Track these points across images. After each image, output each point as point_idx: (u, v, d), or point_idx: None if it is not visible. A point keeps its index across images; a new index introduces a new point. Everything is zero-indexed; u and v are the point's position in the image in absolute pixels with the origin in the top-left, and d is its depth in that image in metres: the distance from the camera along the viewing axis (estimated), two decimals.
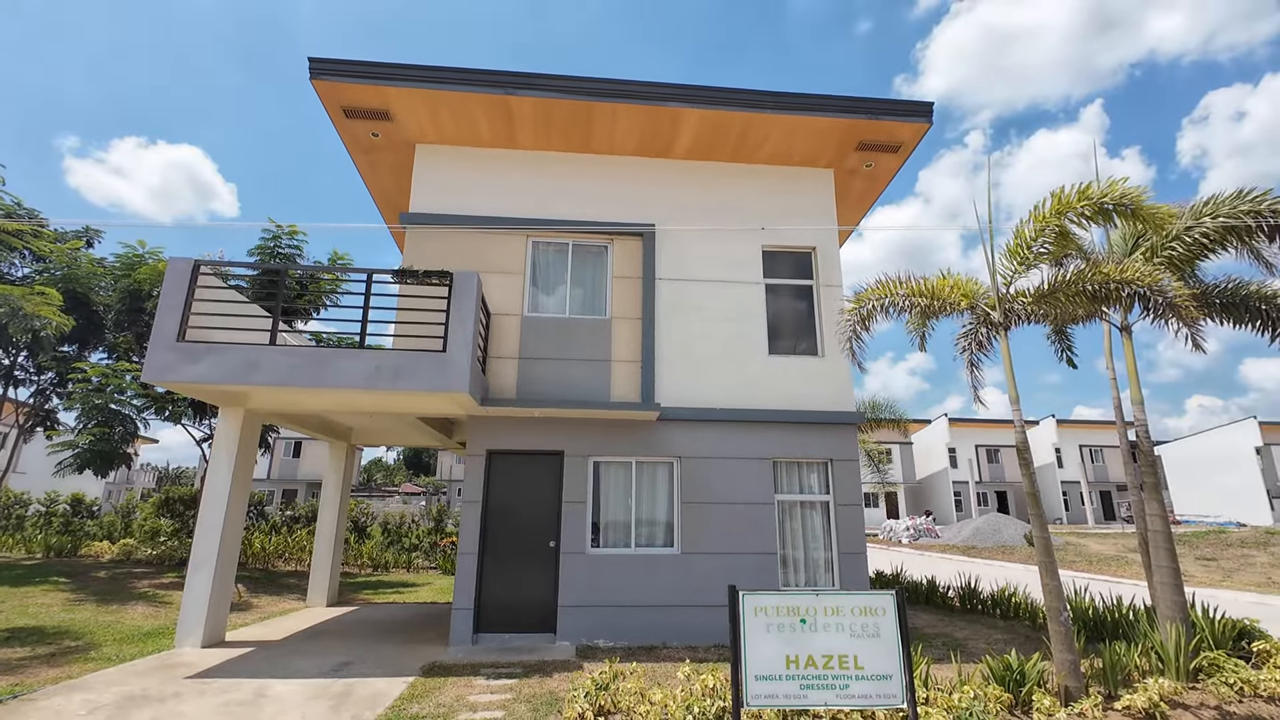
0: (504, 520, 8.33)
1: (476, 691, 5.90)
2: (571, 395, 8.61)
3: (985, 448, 47.71)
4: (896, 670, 3.80)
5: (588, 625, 7.93)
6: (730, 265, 9.52)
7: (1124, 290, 5.53)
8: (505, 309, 9.00)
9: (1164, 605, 6.43)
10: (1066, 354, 9.25)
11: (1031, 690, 5.19)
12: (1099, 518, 45.50)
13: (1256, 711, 5.42)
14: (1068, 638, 5.46)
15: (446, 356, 7.16)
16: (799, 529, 8.74)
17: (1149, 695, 5.19)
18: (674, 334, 9.09)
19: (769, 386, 8.99)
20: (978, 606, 10.33)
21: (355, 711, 5.33)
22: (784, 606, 3.87)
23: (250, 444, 8.41)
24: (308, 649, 7.65)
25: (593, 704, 4.97)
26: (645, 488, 8.66)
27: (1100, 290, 5.58)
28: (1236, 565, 18.94)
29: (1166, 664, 5.90)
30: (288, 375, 7.01)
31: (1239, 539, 25.80)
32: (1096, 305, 5.79)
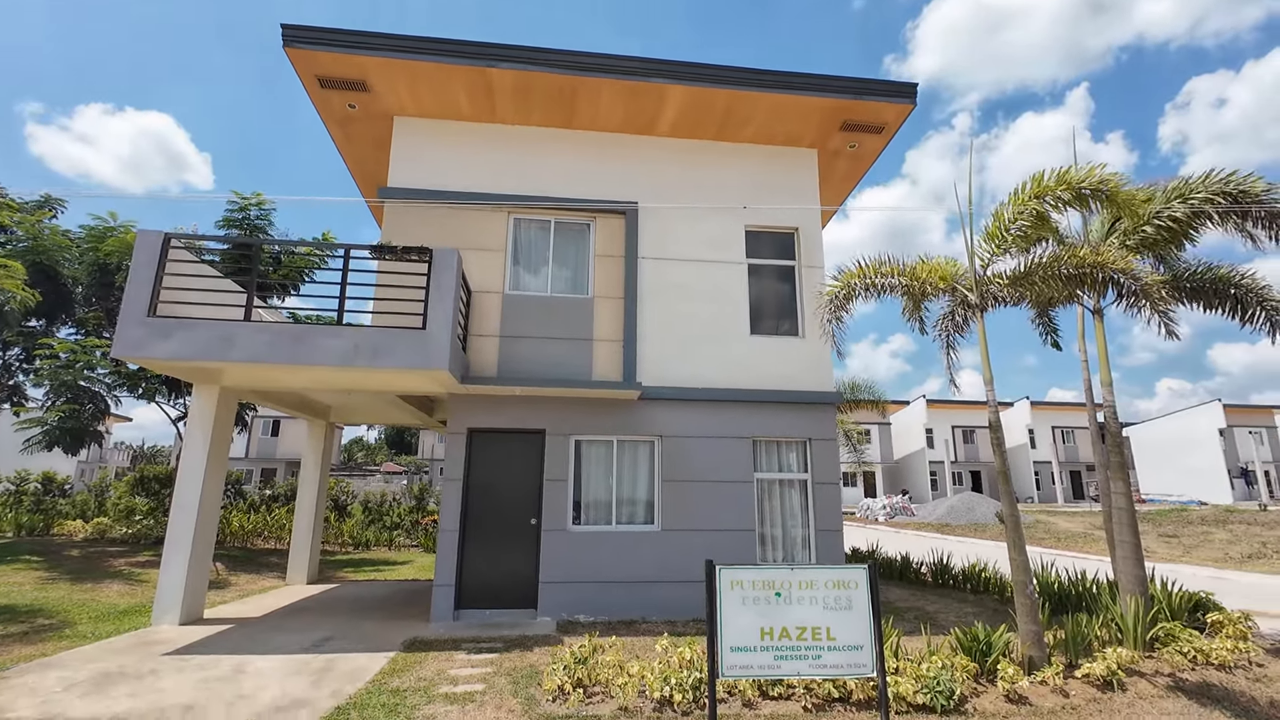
0: (485, 498, 8.35)
1: (457, 665, 5.96)
2: (553, 374, 8.59)
3: (961, 428, 48.67)
4: (867, 641, 3.91)
5: (569, 601, 8.02)
6: (713, 245, 9.51)
7: (1098, 274, 5.64)
8: (486, 286, 8.91)
9: (1125, 579, 6.68)
10: (1051, 336, 9.41)
11: (997, 660, 5.37)
12: (1068, 497, 46.84)
13: (1207, 678, 5.67)
14: (1032, 610, 5.66)
15: (426, 334, 7.09)
16: (777, 507, 8.88)
17: (1107, 664, 5.40)
18: (656, 313, 9.09)
19: (750, 366, 9.06)
20: (949, 582, 10.63)
21: (336, 685, 5.36)
22: (759, 580, 3.95)
23: (226, 422, 8.29)
24: (288, 625, 7.65)
25: (571, 676, 5.06)
26: (626, 466, 8.72)
27: (1075, 274, 5.68)
28: (1197, 542, 19.67)
29: (1125, 634, 6.14)
30: (263, 352, 6.90)
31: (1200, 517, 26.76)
32: (1071, 289, 5.90)
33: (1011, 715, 4.85)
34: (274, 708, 4.82)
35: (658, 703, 4.85)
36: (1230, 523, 24.26)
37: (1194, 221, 6.54)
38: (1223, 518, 26.01)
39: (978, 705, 4.99)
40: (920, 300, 6.70)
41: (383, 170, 10.41)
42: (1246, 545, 18.38)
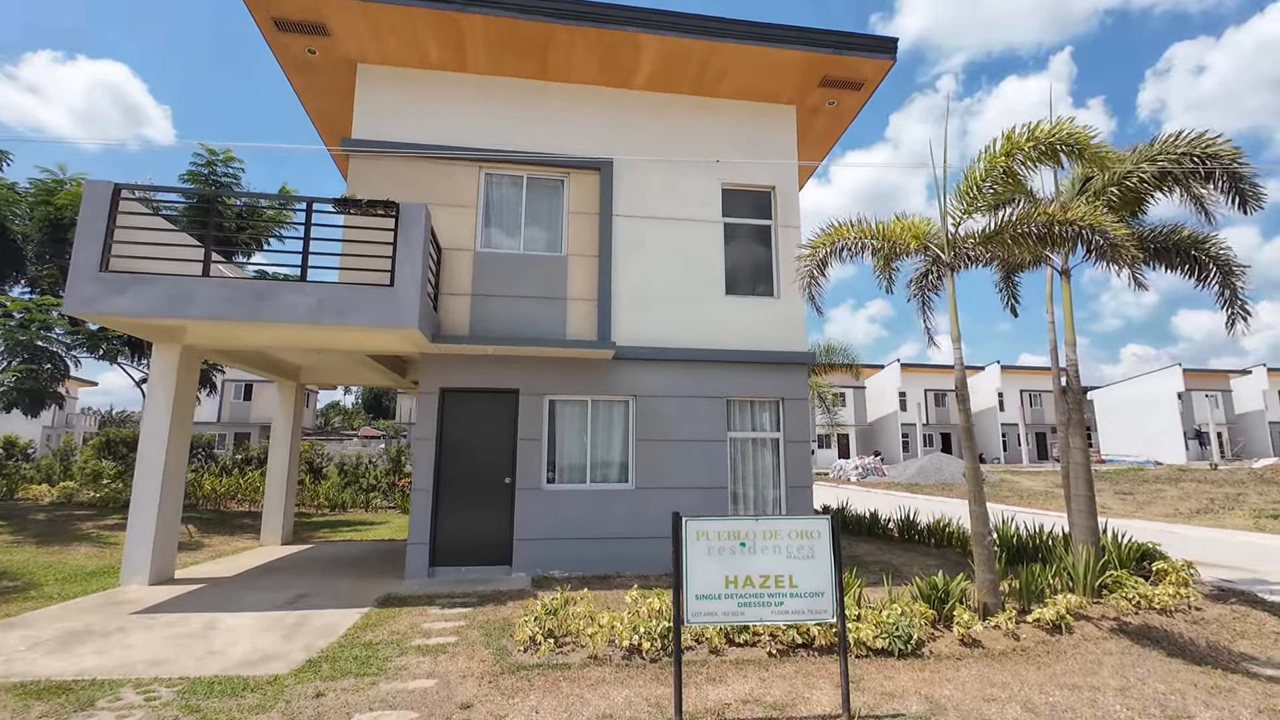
0: (459, 457, 8.33)
1: (431, 620, 6.03)
2: (526, 333, 8.51)
3: (934, 392, 49.73)
4: (828, 588, 4.02)
5: (543, 557, 8.13)
6: (689, 203, 9.38)
7: (1066, 231, 5.69)
8: (457, 244, 8.71)
9: (1079, 530, 6.96)
10: (1011, 301, 9.56)
11: (954, 607, 5.59)
12: (1033, 457, 48.44)
13: (1149, 622, 5.99)
14: (989, 560, 5.87)
15: (394, 291, 6.93)
16: (749, 465, 9.02)
17: (1057, 609, 5.66)
18: (631, 272, 9.00)
19: (725, 326, 9.06)
20: (915, 537, 10.99)
21: (309, 640, 5.39)
22: (725, 531, 4.02)
23: (189, 382, 8.09)
24: (261, 584, 7.65)
25: (542, 627, 5.15)
26: (601, 425, 8.75)
27: (1044, 231, 5.72)
28: (1150, 499, 20.55)
29: (1076, 582, 6.43)
30: (224, 309, 6.70)
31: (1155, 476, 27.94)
32: (1040, 247, 5.95)
33: (965, 657, 5.08)
34: (245, 661, 4.84)
35: (627, 651, 4.97)
36: (1182, 481, 25.37)
37: (1161, 183, 6.61)
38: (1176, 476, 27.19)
39: (933, 649, 5.21)
40: (893, 259, 6.71)
41: (348, 123, 9.99)
42: (1195, 501, 19.26)
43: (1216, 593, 7.05)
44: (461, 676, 4.57)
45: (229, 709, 3.96)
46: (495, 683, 4.44)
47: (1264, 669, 5.12)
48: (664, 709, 4.01)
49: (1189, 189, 7.14)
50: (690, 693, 4.30)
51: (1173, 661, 5.11)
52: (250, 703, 4.06)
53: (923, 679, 4.61)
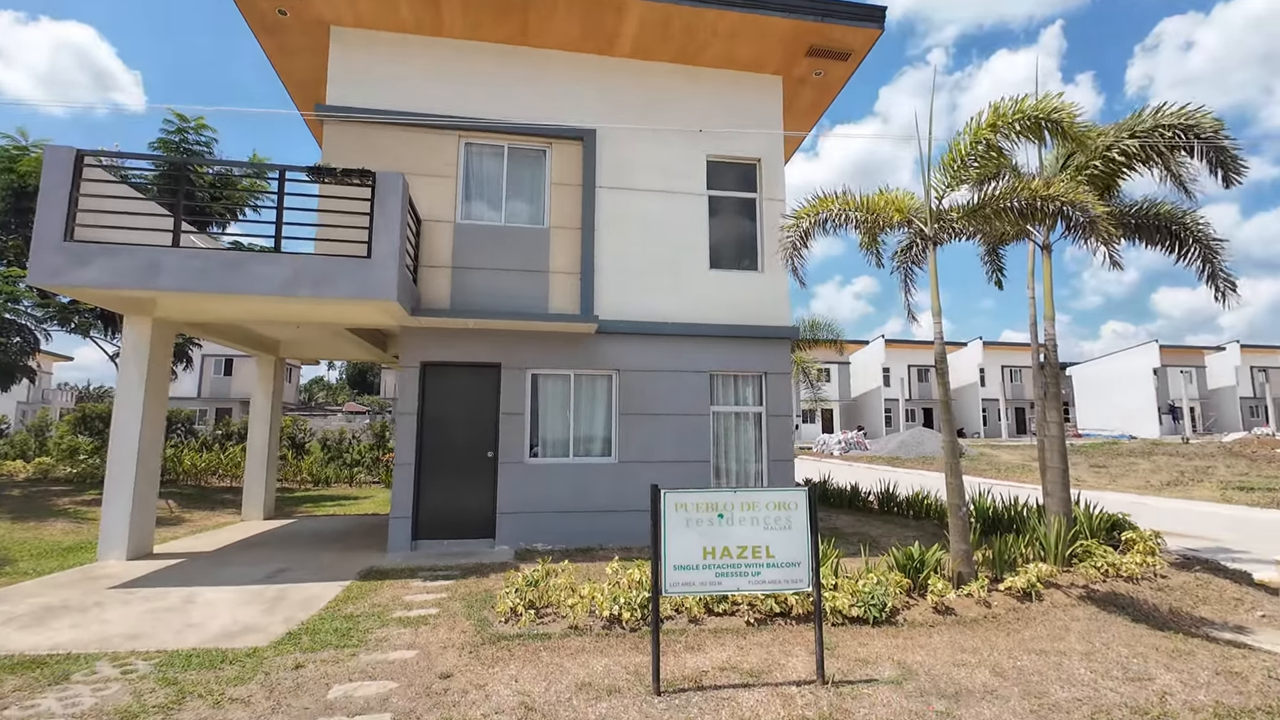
0: (441, 431, 8.29)
1: (413, 592, 6.05)
2: (508, 306, 8.41)
3: (917, 367, 50.31)
4: (805, 558, 4.07)
5: (526, 530, 8.16)
6: (673, 175, 9.25)
7: (1048, 206, 5.68)
8: (437, 215, 8.54)
9: (1052, 502, 7.11)
10: (996, 274, 9.62)
11: (928, 576, 5.71)
12: (1012, 432, 49.40)
13: (1116, 589, 6.16)
14: (964, 530, 5.99)
15: (372, 262, 6.79)
16: (732, 439, 9.08)
17: (1027, 577, 5.80)
18: (614, 245, 8.90)
19: (709, 300, 9.02)
20: (894, 509, 11.19)
21: (289, 613, 5.39)
22: (703, 503, 4.04)
23: (162, 355, 7.93)
24: (241, 558, 7.61)
25: (523, 599, 5.18)
26: (584, 400, 8.73)
27: (1026, 206, 5.71)
28: (1123, 471, 21.09)
29: (1048, 551, 6.59)
30: (195, 280, 6.53)
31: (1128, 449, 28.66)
32: (1023, 222, 5.95)
33: (938, 625, 5.20)
34: (224, 634, 4.83)
35: (607, 621, 5.02)
36: (1154, 454, 26.05)
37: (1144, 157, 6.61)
38: (1148, 450, 27.91)
39: (907, 616, 5.33)
40: (877, 233, 6.68)
41: (322, 89, 9.68)
42: (1166, 474, 19.79)
43: (1182, 561, 7.27)
44: (442, 647, 4.60)
45: (207, 681, 3.95)
46: (476, 653, 4.47)
47: (1223, 633, 5.30)
48: (642, 677, 4.07)
49: (1169, 165, 7.17)
50: (669, 660, 4.36)
51: (1137, 627, 5.27)
52: (229, 675, 4.06)
53: (896, 645, 4.72)
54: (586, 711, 3.63)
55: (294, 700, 3.73)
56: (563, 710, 3.64)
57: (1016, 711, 3.69)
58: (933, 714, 3.64)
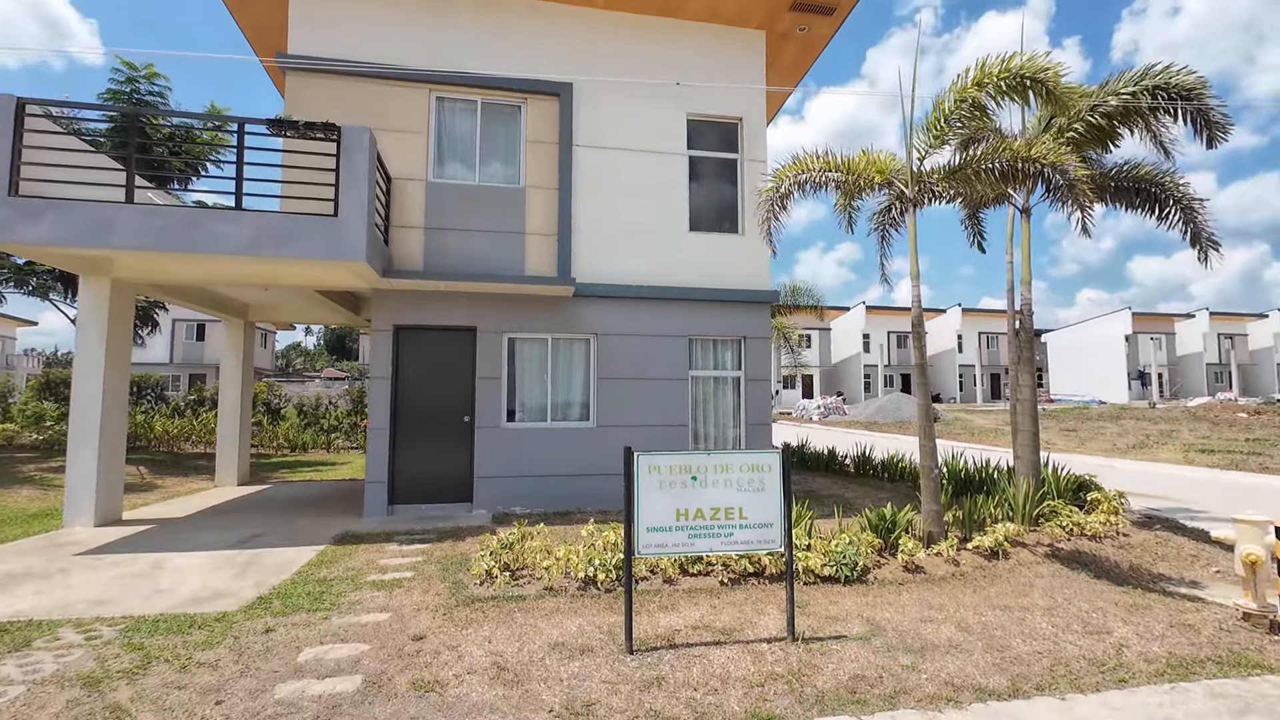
0: (416, 396, 8.17)
1: (388, 556, 6.02)
2: (482, 269, 8.22)
3: (896, 334, 50.82)
4: (778, 519, 4.09)
5: (504, 494, 8.15)
6: (653, 134, 9.00)
7: (1029, 168, 5.61)
8: (408, 173, 8.25)
9: (1022, 464, 7.25)
10: (977, 239, 9.59)
11: (899, 536, 5.81)
12: (987, 397, 50.41)
13: (1079, 547, 6.34)
14: (935, 491, 6.08)
15: (339, 221, 6.55)
16: (711, 403, 9.08)
17: (995, 537, 5.93)
18: (592, 206, 8.69)
19: (688, 263, 8.90)
20: (869, 472, 11.37)
21: (261, 578, 5.34)
22: (677, 465, 4.02)
23: (122, 317, 7.65)
24: (214, 524, 7.52)
25: (498, 561, 5.18)
26: (562, 364, 8.64)
27: (1007, 168, 5.64)
28: (1091, 435, 21.66)
29: (1016, 511, 6.73)
30: (152, 239, 6.25)
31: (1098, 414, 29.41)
32: (1003, 184, 5.88)
33: (907, 583, 5.31)
34: (193, 599, 4.77)
35: (582, 583, 5.05)
36: (1122, 419, 26.79)
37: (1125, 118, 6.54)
38: (1117, 414, 28.68)
39: (878, 575, 5.43)
40: (856, 195, 6.58)
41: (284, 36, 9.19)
42: (1132, 438, 20.38)
43: (1143, 520, 7.50)
44: (416, 610, 4.59)
45: (174, 646, 3.90)
46: (450, 615, 4.47)
47: (1178, 588, 5.49)
48: (616, 636, 4.10)
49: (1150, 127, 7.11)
50: (642, 620, 4.40)
51: (1098, 583, 5.43)
52: (197, 639, 4.01)
53: (866, 603, 4.81)
54: (559, 670, 3.65)
55: (263, 664, 3.70)
56: (535, 669, 3.66)
57: (980, 664, 3.79)
58: (899, 668, 3.72)
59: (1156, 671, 3.73)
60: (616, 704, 3.28)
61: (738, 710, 3.22)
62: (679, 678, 3.57)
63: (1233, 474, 12.91)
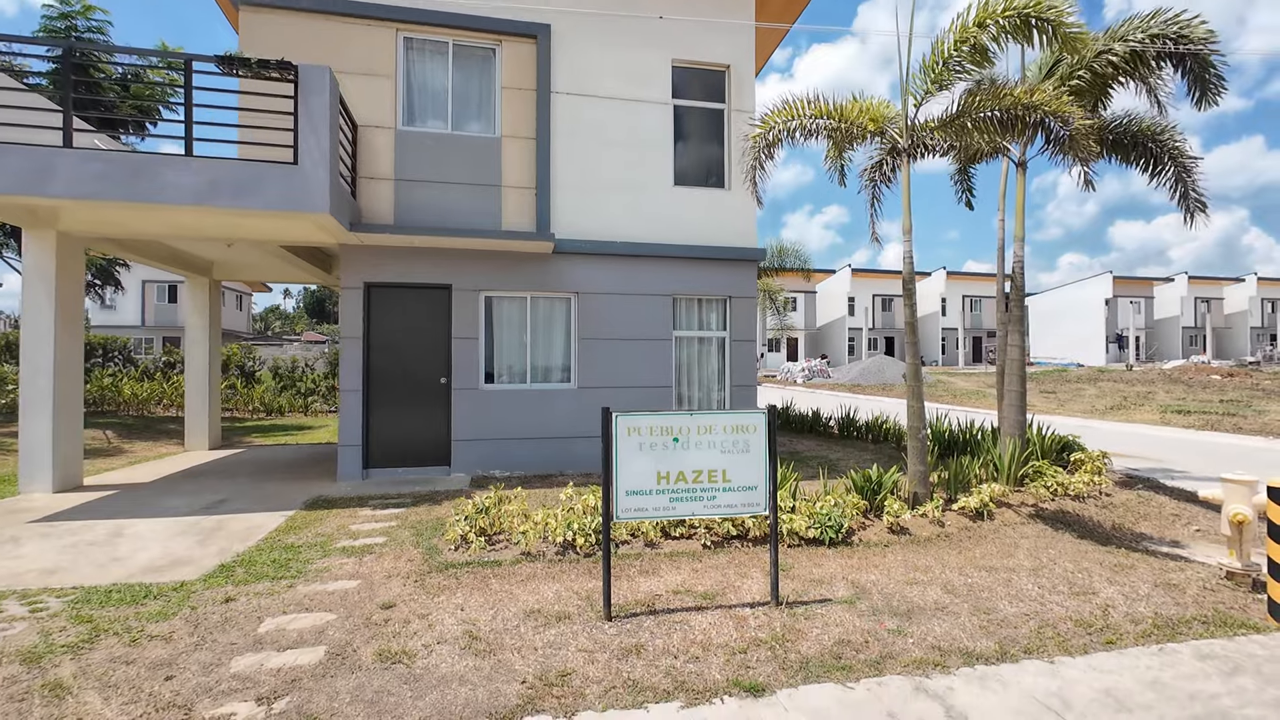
0: (390, 357, 7.86)
1: (360, 521, 5.82)
2: (457, 223, 7.83)
3: (881, 297, 50.84)
4: (762, 481, 3.92)
5: (483, 457, 7.96)
6: (636, 81, 8.54)
7: (1029, 116, 5.33)
8: (376, 121, 7.76)
9: (1008, 424, 7.17)
10: (966, 195, 9.35)
11: (885, 497, 5.71)
12: (969, 360, 50.95)
13: (1063, 507, 6.31)
14: (922, 452, 5.98)
15: (299, 170, 6.13)
16: (695, 365, 8.88)
17: (980, 497, 5.87)
18: (572, 157, 8.28)
19: (672, 220, 8.57)
20: (854, 434, 11.32)
21: (225, 544, 5.12)
22: (657, 426, 3.81)
23: (72, 273, 7.20)
24: (181, 489, 7.25)
25: (474, 526, 5.00)
26: (541, 323, 8.35)
27: (1006, 116, 5.35)
28: (1070, 397, 21.91)
29: (1001, 472, 6.68)
30: (94, 186, 5.80)
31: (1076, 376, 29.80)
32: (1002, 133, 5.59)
33: (892, 544, 5.23)
34: (150, 568, 4.54)
35: (560, 547, 4.90)
36: (1100, 380, 27.15)
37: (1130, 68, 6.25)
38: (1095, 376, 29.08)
39: (863, 537, 5.34)
40: (847, 145, 6.27)
41: None
42: (1110, 399, 20.64)
43: (1125, 480, 7.51)
44: (386, 576, 4.40)
45: (124, 618, 3.68)
46: (421, 582, 4.29)
47: (1161, 547, 5.48)
48: (594, 602, 3.96)
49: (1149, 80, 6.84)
50: (622, 585, 4.26)
51: (1082, 543, 5.40)
52: (150, 610, 3.80)
53: (851, 565, 4.71)
54: (534, 639, 3.50)
55: (220, 635, 3.50)
56: (509, 638, 3.51)
57: (966, 627, 3.70)
58: (885, 631, 3.63)
59: (1144, 633, 3.67)
60: (593, 673, 3.13)
61: (719, 679, 3.10)
62: (659, 645, 3.44)
63: (1208, 434, 13.09)
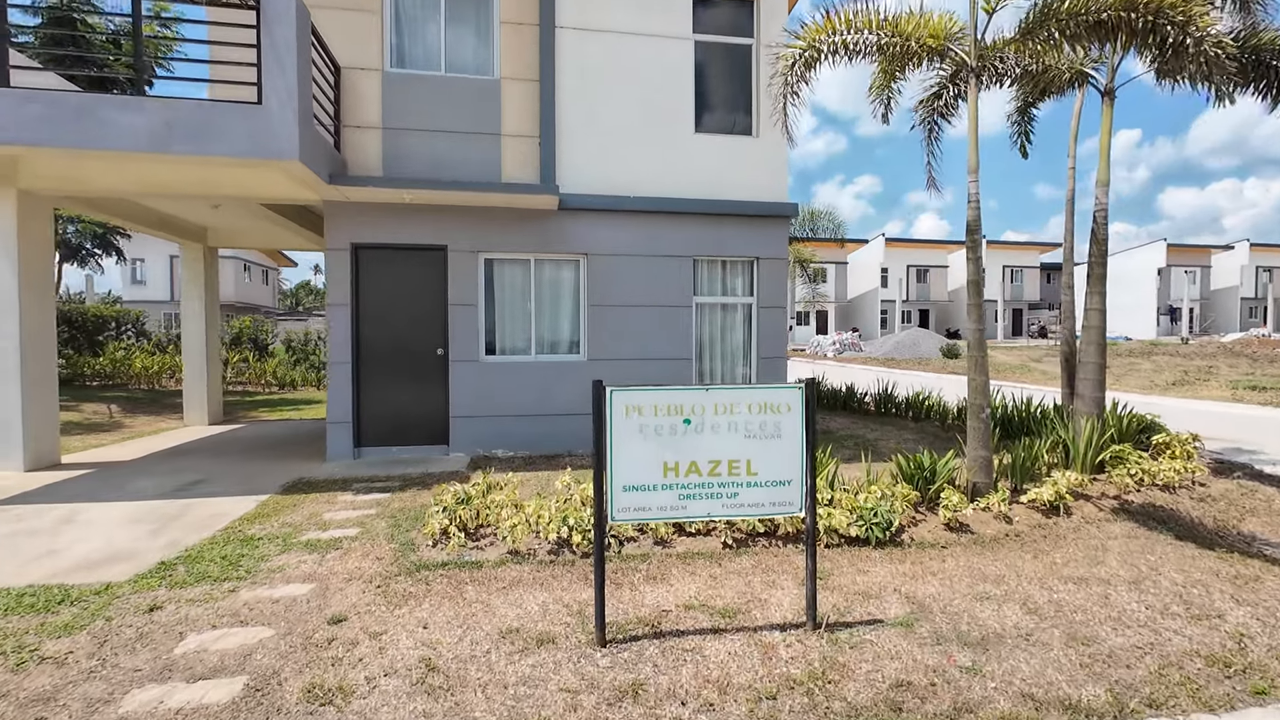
0: (382, 326, 7.17)
1: (337, 508, 5.17)
2: (452, 175, 7.02)
3: (916, 267, 48.81)
4: (797, 475, 3.10)
5: (484, 435, 7.27)
6: (651, 12, 7.53)
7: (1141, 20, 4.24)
8: (360, 62, 6.95)
9: (1084, 402, 6.17)
10: (1022, 139, 8.19)
11: (941, 488, 4.84)
12: (1008, 334, 48.83)
13: (1152, 499, 5.36)
14: (985, 434, 5.07)
15: (263, 110, 5.36)
16: (718, 334, 8.01)
17: (1055, 488, 4.95)
18: (580, 101, 7.36)
19: (693, 171, 7.63)
20: (892, 410, 10.36)
21: (178, 535, 4.51)
22: (663, 405, 3.00)
23: (36, 235, 6.60)
24: (158, 468, 6.72)
25: (453, 518, 4.28)
26: (547, 289, 7.55)
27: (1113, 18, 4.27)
28: (1124, 371, 20.42)
29: (1075, 457, 5.73)
30: (33, 131, 5.13)
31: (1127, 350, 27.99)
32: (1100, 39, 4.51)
33: (951, 545, 4.38)
34: (82, 564, 3.94)
35: (554, 545, 4.16)
36: (1155, 354, 25.40)
37: None
38: (1147, 350, 27.26)
39: (915, 535, 4.50)
40: (899, 69, 5.24)
41: None
42: (1169, 374, 19.14)
43: (1218, 466, 6.48)
44: (347, 579, 3.73)
45: (22, 631, 3.07)
46: (384, 588, 3.60)
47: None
48: (586, 618, 3.22)
49: None
50: (624, 596, 3.52)
51: (1184, 546, 4.47)
52: (58, 622, 3.17)
53: (903, 573, 3.89)
54: (506, 671, 2.78)
55: (126, 659, 2.85)
56: (475, 669, 2.79)
57: (1062, 664, 2.87)
58: (955, 669, 2.81)
59: None
60: None
61: None
62: (663, 684, 2.68)
63: None
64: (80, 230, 13.40)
